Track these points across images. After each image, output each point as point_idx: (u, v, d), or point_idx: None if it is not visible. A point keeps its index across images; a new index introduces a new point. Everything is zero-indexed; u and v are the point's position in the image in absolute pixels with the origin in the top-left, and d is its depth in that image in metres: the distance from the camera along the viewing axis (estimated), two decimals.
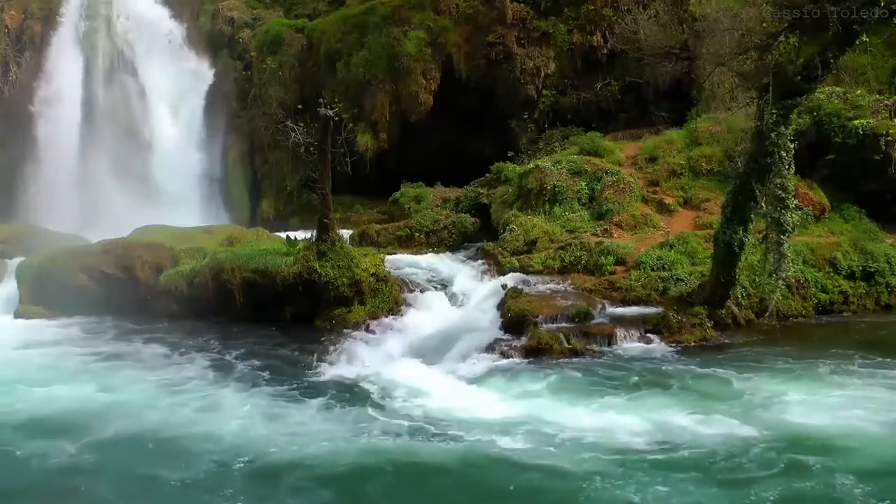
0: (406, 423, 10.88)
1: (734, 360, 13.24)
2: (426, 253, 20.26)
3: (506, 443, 10.16)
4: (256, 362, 13.98)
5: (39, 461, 9.86)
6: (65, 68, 27.36)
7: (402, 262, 18.91)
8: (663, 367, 13.05)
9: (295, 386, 12.64)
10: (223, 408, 11.69)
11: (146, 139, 27.28)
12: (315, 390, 12.42)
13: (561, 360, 13.53)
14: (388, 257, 18.61)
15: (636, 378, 12.52)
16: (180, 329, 16.38)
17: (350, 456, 9.87)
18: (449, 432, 10.53)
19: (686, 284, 15.97)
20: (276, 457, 9.91)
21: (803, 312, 16.20)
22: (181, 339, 15.65)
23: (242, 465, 9.73)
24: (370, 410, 11.45)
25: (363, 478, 9.39)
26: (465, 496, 9.08)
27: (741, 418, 10.70)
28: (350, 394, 12.21)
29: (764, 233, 14.05)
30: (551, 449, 9.94)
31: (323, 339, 15.26)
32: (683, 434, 10.28)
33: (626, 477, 9.13)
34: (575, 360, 13.57)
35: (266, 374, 13.27)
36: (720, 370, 12.80)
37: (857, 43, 13.37)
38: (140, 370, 13.72)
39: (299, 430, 10.75)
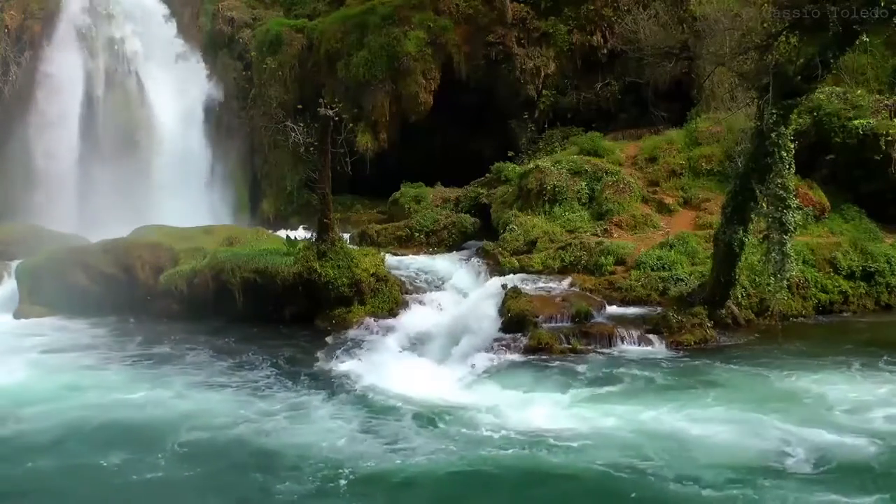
0: (406, 423, 10.87)
1: (734, 361, 13.24)
2: (426, 253, 20.26)
3: (506, 442, 10.14)
4: (256, 362, 13.98)
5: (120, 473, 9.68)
6: (65, 68, 27.32)
7: (402, 263, 18.90)
8: (663, 368, 13.04)
9: (295, 386, 12.63)
10: (224, 407, 11.67)
11: (146, 139, 27.24)
12: (315, 390, 12.40)
13: (561, 360, 13.52)
14: (388, 257, 18.61)
15: (636, 378, 12.52)
16: (180, 329, 16.35)
17: (351, 455, 9.86)
18: (449, 431, 10.52)
19: (686, 284, 15.97)
20: (276, 456, 9.90)
21: (803, 312, 16.21)
22: (181, 339, 15.61)
23: (244, 465, 9.74)
24: (370, 410, 11.43)
25: (363, 476, 9.36)
26: (466, 495, 9.09)
27: (743, 418, 10.69)
28: (350, 393, 12.20)
29: (765, 233, 14.05)
30: (551, 448, 9.92)
31: (323, 339, 15.27)
32: (683, 434, 10.25)
33: (625, 476, 9.11)
34: (575, 359, 13.56)
35: (266, 375, 13.26)
36: (720, 370, 12.80)
37: (857, 43, 13.38)
38: (148, 370, 13.76)
39: (299, 429, 10.74)
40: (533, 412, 11.12)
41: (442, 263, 18.92)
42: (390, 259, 18.70)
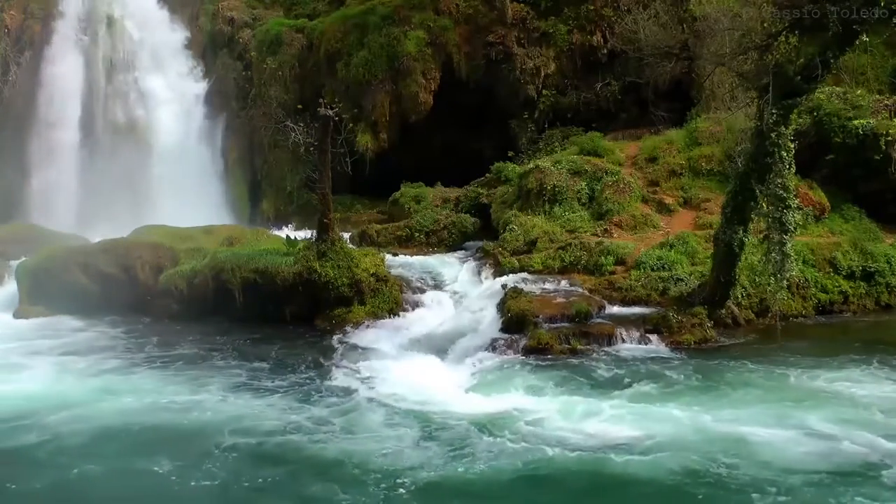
0: (406, 423, 10.86)
1: (745, 360, 13.22)
2: (426, 253, 20.26)
3: (505, 441, 10.13)
4: (256, 363, 13.96)
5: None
6: (65, 68, 27.36)
7: (402, 263, 18.90)
8: (663, 367, 13.02)
9: (295, 386, 12.61)
10: (224, 408, 11.67)
11: (146, 139, 27.27)
12: (315, 390, 12.39)
13: (561, 360, 13.52)
14: (388, 257, 18.61)
15: (635, 378, 12.50)
16: (180, 329, 16.35)
17: (351, 454, 9.85)
18: (449, 431, 10.51)
19: (686, 284, 15.97)
20: (278, 456, 9.92)
21: (803, 312, 16.21)
22: (196, 339, 15.56)
23: (247, 464, 9.73)
24: (370, 410, 11.43)
25: (364, 474, 9.33)
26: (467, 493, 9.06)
27: (743, 418, 10.66)
28: (350, 393, 12.19)
29: (765, 233, 14.04)
30: (551, 447, 9.90)
31: (323, 339, 15.27)
32: (736, 435, 10.16)
33: (622, 476, 9.09)
34: (575, 359, 13.55)
35: (266, 375, 13.24)
36: (720, 370, 12.79)
37: (857, 43, 13.37)
38: (143, 369, 13.71)
39: (300, 429, 10.74)
40: (533, 411, 11.10)
41: (442, 263, 18.92)
42: (390, 259, 18.71)
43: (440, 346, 14.39)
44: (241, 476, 9.31)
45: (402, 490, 8.92)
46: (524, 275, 16.96)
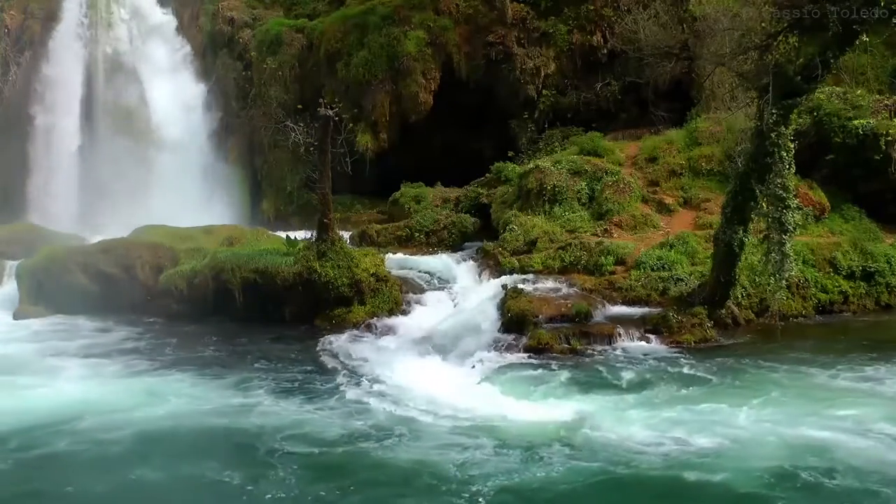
0: (407, 422, 10.86)
1: (734, 360, 13.23)
2: (426, 253, 20.26)
3: (504, 441, 10.13)
4: (256, 363, 13.97)
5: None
6: (65, 68, 27.36)
7: (402, 263, 18.90)
8: (663, 367, 13.03)
9: (295, 386, 12.61)
10: (225, 408, 11.66)
11: (146, 139, 27.26)
12: (315, 390, 12.40)
13: (561, 360, 13.53)
14: (388, 257, 18.61)
15: (635, 378, 12.51)
16: (180, 330, 16.35)
17: (353, 453, 9.88)
18: (449, 430, 10.51)
19: (686, 284, 15.97)
20: (281, 454, 9.92)
21: (803, 312, 16.22)
22: (197, 341, 15.53)
23: (305, 471, 9.63)
24: (371, 410, 11.42)
25: (368, 473, 9.38)
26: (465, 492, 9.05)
27: (784, 418, 10.59)
28: (350, 393, 12.19)
29: (765, 233, 14.05)
30: (550, 447, 9.89)
31: (323, 339, 15.27)
32: (682, 434, 10.22)
33: (620, 476, 9.06)
34: (575, 359, 13.57)
35: (266, 375, 13.22)
36: (720, 370, 12.78)
37: (857, 43, 13.38)
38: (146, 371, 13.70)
39: (301, 429, 10.76)
40: (532, 410, 11.10)
41: (442, 263, 18.92)
42: (390, 259, 18.71)
43: (440, 346, 14.39)
44: (302, 483, 9.02)
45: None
46: (524, 275, 16.97)
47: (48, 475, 9.46)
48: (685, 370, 12.84)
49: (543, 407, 11.36)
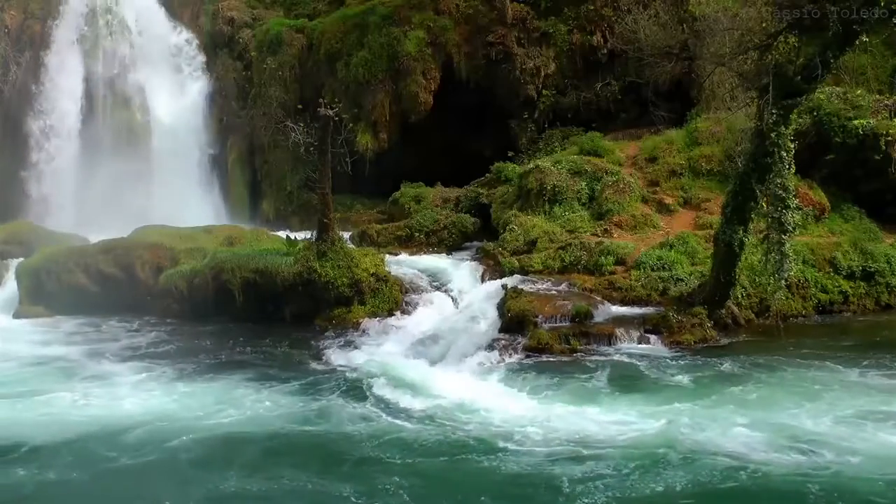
0: (407, 422, 10.88)
1: (734, 360, 13.23)
2: (426, 253, 20.26)
3: (504, 440, 10.15)
4: (257, 363, 13.99)
5: None
6: (65, 68, 27.32)
7: (402, 262, 18.90)
8: (663, 367, 13.03)
9: (296, 386, 12.61)
10: (226, 408, 11.65)
11: (146, 139, 27.25)
12: (316, 391, 12.40)
13: (561, 360, 13.53)
14: (388, 257, 18.61)
15: (634, 378, 12.53)
16: (178, 329, 16.35)
17: (354, 452, 9.92)
18: (449, 430, 10.53)
19: (686, 284, 15.98)
20: (283, 454, 9.98)
21: (803, 312, 16.23)
22: (242, 342, 15.49)
23: (252, 463, 9.74)
24: (371, 410, 11.44)
25: (372, 471, 9.43)
26: (466, 490, 9.07)
27: (740, 418, 10.65)
28: (351, 394, 12.20)
29: (765, 233, 14.06)
30: (549, 446, 9.93)
31: (323, 339, 15.27)
32: (681, 434, 10.21)
33: (618, 476, 9.08)
34: (574, 359, 13.57)
35: (267, 375, 13.24)
36: (720, 370, 12.80)
37: (857, 43, 13.38)
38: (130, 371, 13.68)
39: (301, 428, 10.75)
40: (532, 410, 11.12)
41: (442, 263, 18.93)
42: (390, 259, 18.71)
43: (440, 345, 14.40)
44: (412, 495, 8.92)
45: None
46: (524, 275, 16.97)
47: (144, 484, 9.34)
48: (643, 372, 12.82)
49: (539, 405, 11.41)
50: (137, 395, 12.29)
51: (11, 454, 9.93)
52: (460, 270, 18.28)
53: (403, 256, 19.69)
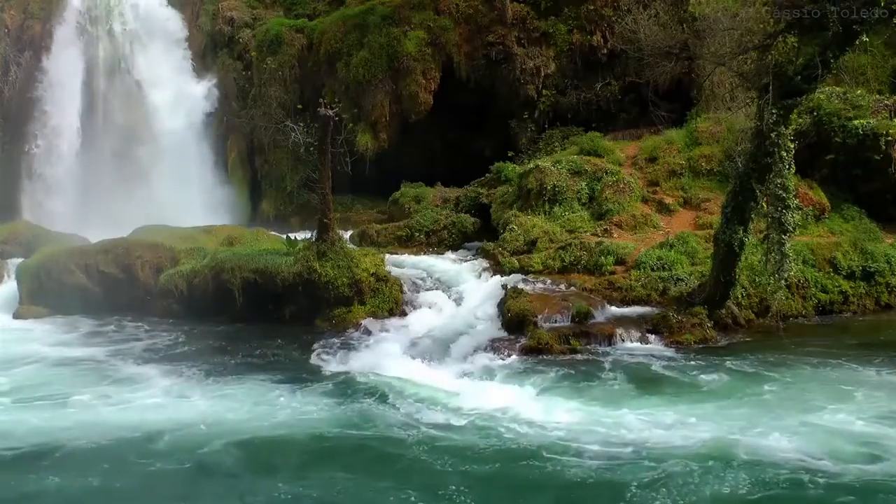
0: (407, 422, 10.88)
1: (727, 361, 13.22)
2: (426, 253, 20.26)
3: (504, 441, 10.16)
4: (257, 363, 13.98)
5: None
6: (65, 68, 27.32)
7: (402, 262, 18.90)
8: (663, 367, 13.04)
9: (296, 386, 12.59)
10: (226, 408, 11.63)
11: (146, 139, 27.26)
12: (316, 391, 12.38)
13: (561, 360, 13.53)
14: (388, 257, 18.61)
15: (634, 378, 12.52)
16: (180, 329, 16.32)
17: (356, 452, 9.93)
18: (449, 430, 10.54)
19: (686, 284, 15.98)
20: (286, 453, 9.96)
21: (803, 312, 16.23)
22: (195, 340, 15.52)
23: (255, 463, 9.73)
24: (371, 410, 11.43)
25: (372, 470, 9.45)
26: (465, 488, 9.05)
27: (779, 419, 10.57)
28: (351, 394, 12.19)
29: (765, 233, 14.06)
30: (548, 447, 9.91)
31: (323, 339, 15.26)
32: (730, 437, 10.11)
33: (679, 481, 8.95)
34: (575, 359, 13.56)
35: (267, 375, 13.22)
36: (720, 370, 12.78)
37: (857, 43, 13.38)
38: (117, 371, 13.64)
39: (302, 428, 10.75)
40: (532, 410, 11.09)
41: (442, 263, 18.91)
42: (390, 259, 18.70)
43: (440, 345, 14.38)
44: (458, 494, 8.86)
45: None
46: (524, 275, 16.97)
47: (193, 490, 9.17)
48: (643, 372, 12.76)
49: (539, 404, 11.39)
50: (167, 397, 12.13)
51: (46, 460, 9.76)
52: (460, 270, 18.27)
53: (403, 256, 19.68)
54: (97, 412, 11.49)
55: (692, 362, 13.25)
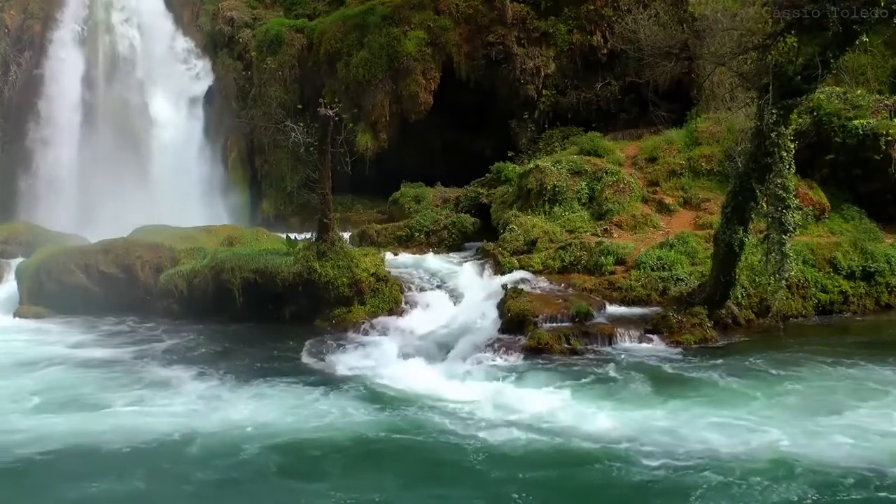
0: (407, 422, 10.87)
1: (734, 361, 13.21)
2: (426, 253, 20.26)
3: (503, 440, 10.14)
4: (257, 362, 13.95)
5: None
6: (65, 68, 27.37)
7: (402, 262, 18.90)
8: (663, 367, 13.01)
9: (296, 386, 12.57)
10: (224, 409, 11.60)
11: (146, 139, 27.29)
12: (316, 391, 12.37)
13: (561, 360, 13.51)
14: (388, 257, 18.61)
15: (634, 378, 12.48)
16: (180, 329, 16.32)
17: (401, 456, 9.91)
18: (450, 430, 10.52)
19: (686, 284, 15.97)
20: (286, 453, 9.92)
21: (803, 312, 16.22)
22: (181, 339, 15.50)
23: (255, 463, 9.69)
24: (371, 410, 11.42)
25: (373, 470, 9.46)
26: (465, 488, 9.05)
27: (818, 422, 10.45)
28: (351, 394, 12.18)
29: (765, 233, 14.05)
30: (548, 446, 9.91)
31: (323, 339, 15.26)
32: (723, 436, 10.07)
33: (616, 476, 9.04)
34: (575, 359, 13.55)
35: (267, 375, 13.19)
36: (720, 370, 12.76)
37: (857, 43, 13.38)
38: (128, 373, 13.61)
39: (302, 428, 10.75)
40: (532, 410, 11.07)
41: (442, 263, 18.92)
42: (390, 259, 18.70)
43: (440, 345, 14.39)
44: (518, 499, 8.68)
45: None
46: (524, 275, 16.97)
47: (249, 497, 9.01)
48: (643, 372, 12.61)
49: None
50: (201, 400, 11.89)
51: (85, 466, 9.54)
52: (460, 270, 18.28)
53: (403, 256, 19.68)
54: (130, 416, 11.24)
55: (700, 362, 13.19)
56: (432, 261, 19.20)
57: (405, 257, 19.61)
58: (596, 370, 12.90)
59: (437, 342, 14.58)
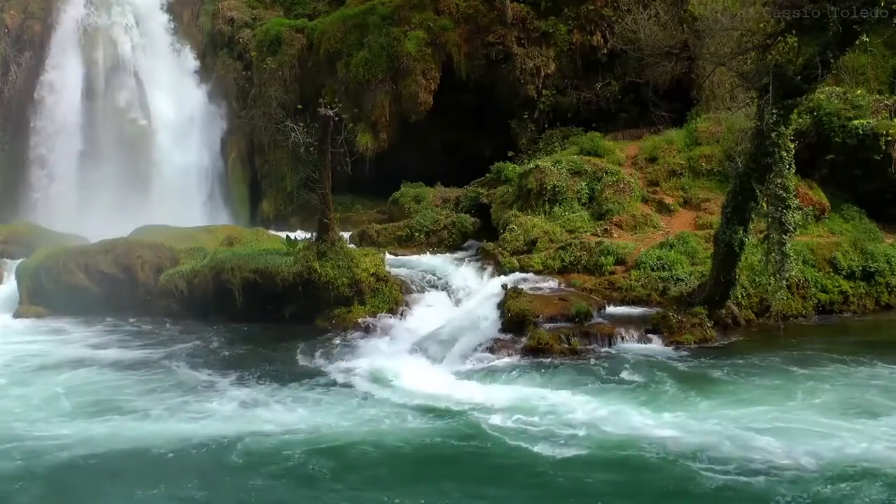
0: (407, 422, 10.88)
1: (733, 360, 13.22)
2: (426, 253, 20.26)
3: (503, 440, 10.15)
4: (257, 363, 13.94)
5: None
6: (65, 68, 27.34)
7: (402, 262, 18.90)
8: (663, 367, 13.02)
9: (296, 386, 12.59)
10: (264, 413, 11.50)
11: (146, 139, 27.27)
12: (316, 391, 12.39)
13: (561, 360, 13.51)
14: (388, 257, 18.61)
15: (634, 378, 12.50)
16: (186, 330, 16.32)
17: (356, 452, 9.92)
18: (450, 430, 10.53)
19: (686, 284, 15.98)
20: (286, 453, 9.90)
21: (803, 312, 16.23)
22: (194, 341, 15.44)
23: (257, 464, 9.67)
24: (371, 410, 11.42)
25: (373, 470, 9.48)
26: (465, 487, 9.07)
27: (736, 418, 10.57)
28: (351, 393, 12.19)
29: (765, 233, 14.06)
30: (547, 446, 9.92)
31: (323, 339, 15.26)
32: (681, 434, 10.18)
33: (616, 477, 9.05)
34: (575, 359, 13.56)
35: (267, 375, 13.21)
36: (719, 370, 12.78)
37: (857, 43, 13.38)
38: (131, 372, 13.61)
39: (302, 428, 10.76)
40: (532, 410, 11.09)
41: (442, 263, 18.92)
42: (390, 259, 18.71)
43: (440, 345, 14.37)
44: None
45: None
46: (524, 275, 16.97)
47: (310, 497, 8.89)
48: (643, 372, 12.62)
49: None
50: (240, 405, 11.73)
51: (134, 472, 9.43)
52: (460, 270, 18.28)
53: (403, 256, 19.68)
54: (170, 420, 11.08)
55: (708, 362, 13.16)
56: (432, 261, 19.20)
57: (405, 257, 19.61)
58: (598, 370, 12.90)
59: (436, 342, 14.58)
